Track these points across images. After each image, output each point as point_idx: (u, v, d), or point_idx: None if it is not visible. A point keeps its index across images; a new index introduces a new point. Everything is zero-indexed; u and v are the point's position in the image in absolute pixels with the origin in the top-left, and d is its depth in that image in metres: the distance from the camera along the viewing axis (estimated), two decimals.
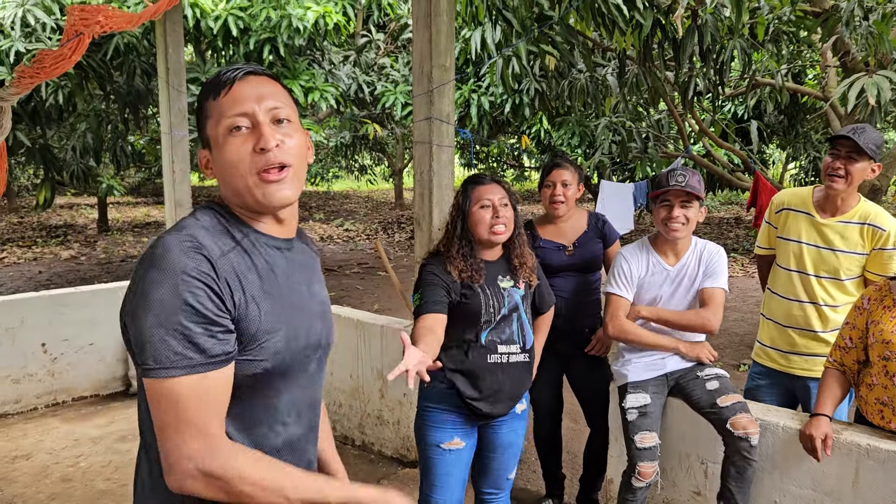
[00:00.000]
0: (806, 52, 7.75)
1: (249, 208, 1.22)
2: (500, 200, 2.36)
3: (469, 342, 2.36)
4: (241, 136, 1.18)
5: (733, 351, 6.16)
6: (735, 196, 19.92)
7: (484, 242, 2.39)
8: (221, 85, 1.20)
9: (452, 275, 2.33)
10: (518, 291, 2.44)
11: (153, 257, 1.10)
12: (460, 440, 2.41)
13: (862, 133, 2.72)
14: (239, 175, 1.18)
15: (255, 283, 1.17)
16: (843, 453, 2.50)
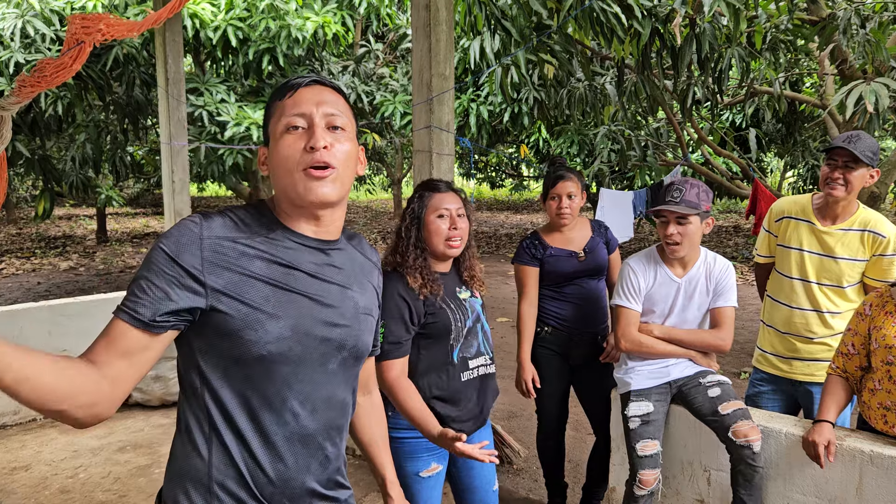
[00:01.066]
0: (803, 61, 7.78)
1: (293, 203, 1.30)
2: (457, 210, 2.22)
3: (443, 364, 2.24)
4: (296, 135, 1.28)
5: (734, 359, 6.15)
6: (734, 204, 19.96)
7: (438, 254, 2.24)
8: (289, 88, 1.31)
9: (414, 290, 2.16)
10: (477, 301, 2.35)
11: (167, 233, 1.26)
12: (437, 464, 2.30)
13: (857, 141, 2.72)
14: (287, 169, 1.27)
15: (261, 269, 1.24)
16: (846, 459, 2.49)
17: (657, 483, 2.71)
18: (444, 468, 2.35)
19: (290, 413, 1.29)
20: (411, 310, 2.15)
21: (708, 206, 2.69)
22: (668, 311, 2.80)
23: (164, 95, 5.17)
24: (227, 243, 1.23)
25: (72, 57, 2.03)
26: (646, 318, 2.83)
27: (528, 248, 3.15)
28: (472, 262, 2.36)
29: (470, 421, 2.30)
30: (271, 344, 1.23)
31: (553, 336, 3.16)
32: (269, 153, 1.31)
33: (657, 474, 2.70)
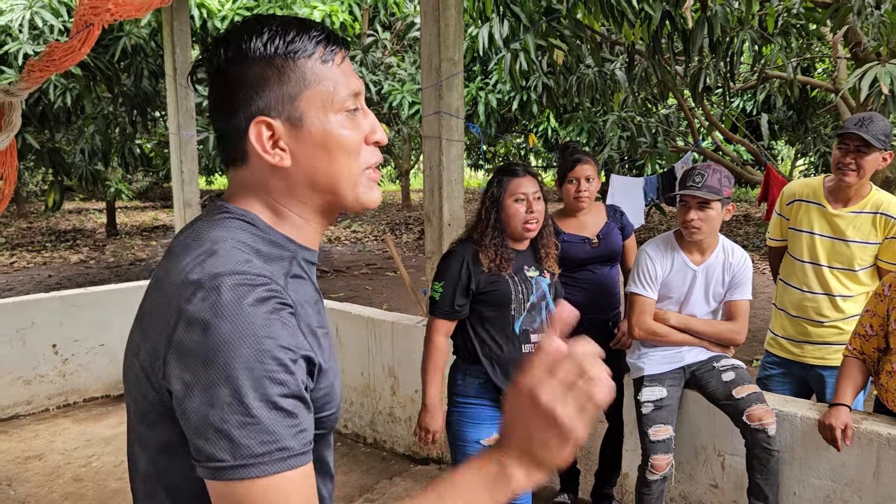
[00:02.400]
0: (816, 46, 7.69)
1: (330, 208, 0.98)
2: (534, 195, 2.37)
3: (504, 333, 2.37)
4: (356, 121, 0.95)
5: (745, 346, 6.11)
6: (744, 193, 19.83)
7: (516, 235, 2.40)
8: (328, 47, 0.94)
9: (482, 263, 2.34)
10: (545, 280, 2.46)
11: (218, 306, 0.79)
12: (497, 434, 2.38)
13: (870, 124, 2.67)
14: (347, 167, 0.94)
15: (313, 317, 0.93)
16: (863, 443, 2.46)
17: (670, 468, 2.69)
18: None
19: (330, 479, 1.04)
20: (470, 279, 2.33)
21: (729, 191, 2.65)
22: (683, 298, 2.78)
23: (173, 85, 5.17)
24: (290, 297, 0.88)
25: (80, 40, 2.02)
26: (661, 304, 2.80)
27: None
28: (549, 241, 2.50)
29: None
30: (334, 410, 0.95)
31: None
32: (300, 137, 0.92)
33: (670, 459, 2.69)
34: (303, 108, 0.91)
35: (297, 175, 0.93)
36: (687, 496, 2.95)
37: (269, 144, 0.90)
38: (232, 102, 0.91)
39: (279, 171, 0.92)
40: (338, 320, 4.19)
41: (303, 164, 0.92)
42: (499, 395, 2.37)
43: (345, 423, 4.26)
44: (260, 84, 0.90)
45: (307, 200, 0.95)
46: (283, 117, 0.90)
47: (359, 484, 3.62)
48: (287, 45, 0.90)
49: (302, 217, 0.96)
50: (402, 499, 3.38)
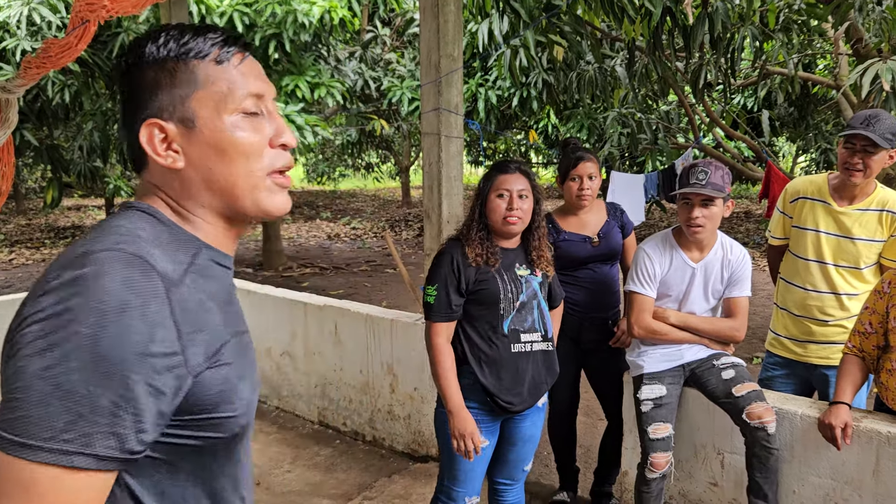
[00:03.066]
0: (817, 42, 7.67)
1: (231, 212, 0.95)
2: (518, 192, 2.34)
3: (493, 331, 2.35)
4: (256, 123, 0.94)
5: (746, 344, 6.10)
6: (745, 190, 19.82)
7: (498, 231, 2.38)
8: (223, 47, 0.93)
9: (469, 258, 2.33)
10: (535, 279, 2.43)
11: (81, 280, 0.76)
12: (484, 438, 2.38)
13: (876, 123, 2.63)
14: (247, 171, 0.92)
15: (215, 316, 0.89)
16: (863, 441, 2.46)
17: (669, 466, 2.68)
18: (491, 443, 2.43)
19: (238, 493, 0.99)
20: (460, 276, 2.32)
21: (729, 188, 2.64)
22: (682, 296, 2.76)
23: None
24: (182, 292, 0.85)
25: (77, 36, 2.00)
26: (660, 301, 2.79)
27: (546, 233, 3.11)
28: (541, 243, 2.46)
29: (510, 393, 2.35)
30: (240, 415, 0.93)
31: (564, 321, 3.12)
32: (194, 140, 0.91)
33: (669, 457, 2.68)
34: (194, 108, 0.90)
35: (192, 176, 0.92)
36: (686, 494, 2.95)
37: (162, 147, 0.90)
38: (130, 107, 0.92)
39: (174, 172, 0.92)
40: (336, 317, 4.18)
41: (198, 165, 0.91)
42: (486, 398, 2.35)
43: (343, 421, 4.25)
44: (153, 87, 0.90)
45: (205, 203, 0.93)
46: (175, 119, 0.90)
47: (357, 482, 3.61)
48: (180, 48, 0.91)
49: (203, 220, 0.94)
50: (401, 497, 3.38)
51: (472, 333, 2.36)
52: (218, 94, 0.91)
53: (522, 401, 2.39)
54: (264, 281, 8.19)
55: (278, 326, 4.59)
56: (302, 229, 15.36)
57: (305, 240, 13.87)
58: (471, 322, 2.36)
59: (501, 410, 2.38)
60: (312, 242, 13.51)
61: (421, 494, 3.42)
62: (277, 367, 4.65)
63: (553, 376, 2.50)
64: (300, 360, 4.49)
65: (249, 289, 4.84)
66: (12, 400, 0.74)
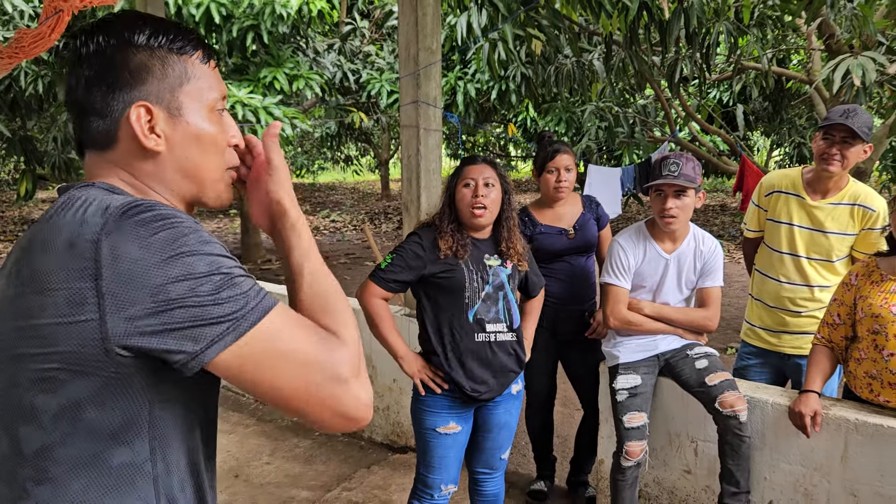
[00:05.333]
0: (791, 38, 7.77)
1: (192, 199, 1.03)
2: (483, 180, 2.35)
3: (458, 320, 2.36)
4: (224, 120, 1.03)
5: (720, 335, 6.19)
6: (720, 183, 20.03)
7: (466, 221, 2.39)
8: (206, 50, 1.02)
9: (441, 248, 2.34)
10: (505, 270, 2.44)
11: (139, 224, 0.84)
12: (456, 424, 2.41)
13: (855, 116, 2.68)
14: (216, 164, 1.02)
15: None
16: (831, 428, 2.52)
17: (644, 454, 2.73)
18: (464, 430, 2.44)
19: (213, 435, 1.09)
20: (425, 264, 2.34)
21: (700, 179, 2.68)
22: (656, 287, 2.81)
23: None
24: None
25: (49, 26, 1.98)
26: (635, 293, 2.83)
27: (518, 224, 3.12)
28: (511, 235, 2.46)
29: (475, 381, 2.36)
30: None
31: (541, 312, 3.16)
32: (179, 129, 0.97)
33: (644, 446, 2.72)
34: (182, 100, 0.97)
35: (168, 162, 0.98)
36: (661, 482, 3.00)
37: (147, 129, 0.95)
38: (112, 84, 0.94)
39: (151, 155, 0.97)
40: None
41: (176, 152, 0.97)
42: (453, 384, 2.37)
43: None
44: (143, 71, 0.94)
45: (174, 188, 1.00)
46: (163, 105, 0.96)
47: (337, 473, 3.63)
48: (171, 42, 0.97)
49: (165, 199, 1.00)
50: (380, 488, 3.40)
51: (438, 321, 2.38)
52: (202, 91, 0.99)
53: (489, 389, 2.40)
54: None
55: None
56: None
57: None
58: (437, 310, 2.38)
59: (469, 399, 2.40)
60: None
61: (400, 485, 3.44)
62: None
63: (521, 364, 2.52)
64: None
65: None
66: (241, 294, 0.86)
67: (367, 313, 2.41)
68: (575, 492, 3.36)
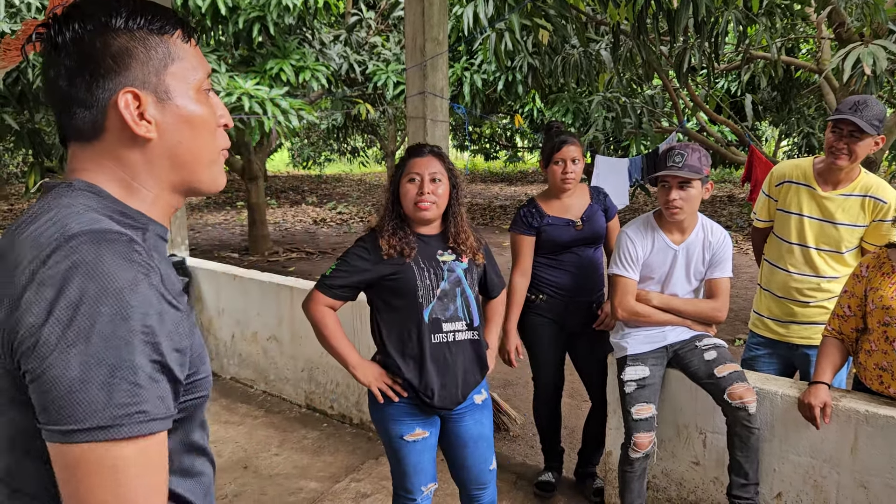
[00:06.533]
0: (800, 26, 7.71)
1: (184, 187, 0.98)
2: (430, 175, 2.21)
3: (412, 322, 2.22)
4: (211, 100, 0.99)
5: (728, 326, 6.18)
6: (728, 174, 19.94)
7: (411, 216, 2.26)
8: (186, 27, 0.97)
9: (382, 249, 2.21)
10: (460, 265, 2.29)
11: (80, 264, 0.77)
12: (422, 430, 2.28)
13: (864, 109, 2.65)
14: (209, 146, 0.98)
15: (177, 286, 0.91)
16: (841, 420, 2.51)
17: (652, 446, 2.73)
18: (431, 434, 2.32)
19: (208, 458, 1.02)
20: (370, 268, 2.22)
21: (707, 170, 2.66)
22: (665, 278, 2.80)
23: None
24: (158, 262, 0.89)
25: None
26: (643, 284, 2.82)
27: (525, 216, 3.11)
28: (460, 229, 2.30)
29: (434, 386, 2.22)
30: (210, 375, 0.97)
31: (548, 304, 3.15)
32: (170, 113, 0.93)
33: (652, 437, 2.72)
34: (168, 82, 0.92)
35: (159, 149, 0.93)
36: (669, 473, 3.00)
37: (137, 116, 0.90)
38: (95, 72, 0.89)
39: (141, 144, 0.92)
40: None
41: (167, 137, 0.93)
42: (414, 392, 2.23)
43: (331, 405, 4.27)
44: (126, 56, 0.89)
45: (165, 176, 0.95)
46: (150, 90, 0.91)
47: (345, 464, 3.64)
48: (150, 22, 0.91)
49: (154, 193, 0.95)
50: (388, 479, 3.41)
51: (392, 325, 2.24)
52: (188, 71, 0.94)
53: (449, 395, 2.25)
54: (250, 266, 8.17)
55: (265, 311, 4.59)
56: (288, 214, 15.29)
57: (291, 224, 13.82)
58: (390, 314, 2.24)
59: (427, 407, 2.26)
60: (298, 227, 13.47)
61: None
62: (264, 352, 4.65)
63: (483, 370, 2.35)
64: (287, 345, 4.49)
65: (236, 273, 4.83)
66: (67, 392, 0.75)
67: (313, 323, 2.27)
68: (583, 483, 3.36)
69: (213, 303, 4.98)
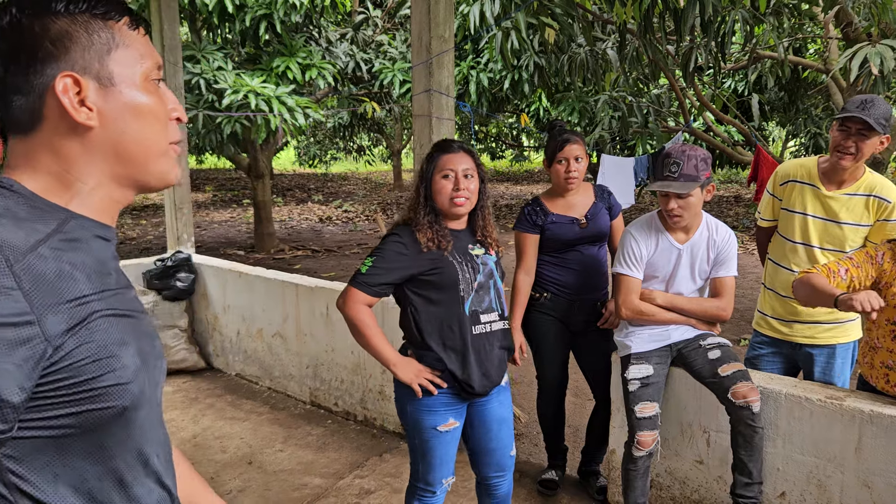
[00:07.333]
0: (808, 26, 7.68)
1: (129, 181, 0.93)
2: (463, 171, 2.27)
3: (454, 315, 2.28)
4: (161, 91, 0.94)
5: (733, 326, 6.17)
6: (735, 174, 19.89)
7: (445, 212, 2.31)
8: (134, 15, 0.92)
9: (420, 243, 2.25)
10: (491, 258, 2.39)
11: None
12: (454, 420, 2.35)
13: (872, 108, 2.65)
14: (158, 137, 0.92)
15: (84, 286, 0.83)
16: (845, 419, 2.50)
17: (655, 444, 2.73)
18: (460, 425, 2.40)
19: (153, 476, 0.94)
20: (411, 263, 2.25)
21: (708, 173, 2.65)
22: (669, 277, 2.80)
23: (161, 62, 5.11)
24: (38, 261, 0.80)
25: None
26: (647, 283, 2.82)
27: (530, 214, 3.12)
28: (486, 222, 2.41)
29: (475, 375, 2.31)
30: (132, 383, 0.86)
31: (553, 302, 3.16)
32: (113, 100, 0.88)
33: (655, 436, 2.72)
34: (113, 68, 0.88)
35: (101, 138, 0.88)
36: (673, 472, 3.00)
37: (76, 101, 0.85)
38: (32, 57, 0.84)
39: (81, 133, 0.87)
40: (328, 299, 4.20)
41: (111, 127, 0.88)
42: (454, 381, 2.30)
43: (335, 401, 4.28)
44: (66, 39, 0.85)
45: (107, 168, 0.90)
46: (92, 75, 0.86)
47: (349, 460, 3.65)
48: (93, 6, 0.87)
49: (90, 186, 0.89)
50: (392, 475, 3.42)
51: (432, 319, 2.29)
52: (135, 58, 0.90)
53: (490, 381, 2.35)
54: (256, 263, 8.19)
55: (270, 308, 4.60)
56: (293, 212, 15.33)
57: (297, 222, 13.85)
58: (430, 307, 2.29)
59: (468, 394, 2.33)
60: (304, 225, 13.50)
61: None
62: (269, 348, 4.67)
63: (511, 351, 2.47)
64: (292, 342, 4.51)
65: (242, 270, 4.85)
66: None
67: (352, 322, 2.28)
68: (586, 481, 3.36)
69: (219, 299, 5.00)
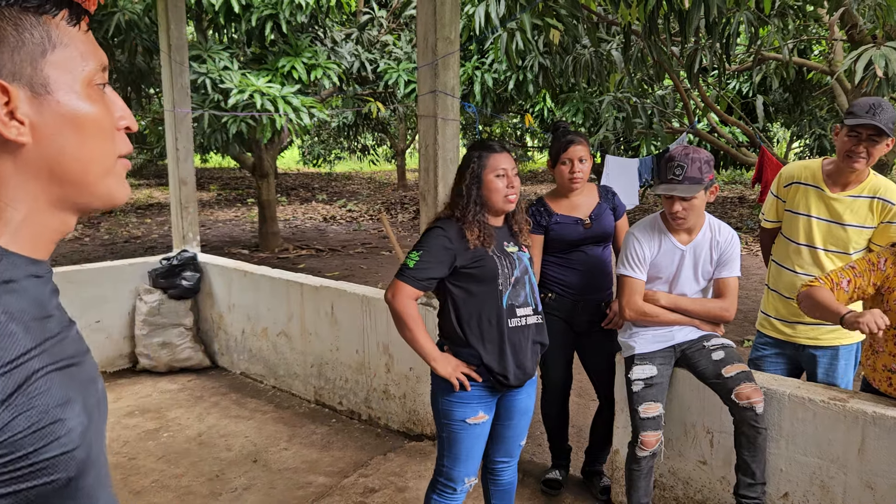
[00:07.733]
0: (812, 28, 7.67)
1: (70, 204, 0.78)
2: (512, 170, 2.41)
3: (492, 309, 2.36)
4: (106, 98, 0.79)
5: (737, 327, 6.17)
6: (739, 175, 19.87)
7: (497, 210, 2.42)
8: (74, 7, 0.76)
9: (468, 240, 2.34)
10: (525, 255, 2.48)
11: None
12: (484, 413, 2.42)
13: (881, 112, 2.65)
14: (102, 152, 0.78)
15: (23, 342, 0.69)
16: (848, 421, 2.51)
17: (659, 445, 2.74)
18: (489, 419, 2.46)
19: None
20: (455, 255, 2.34)
21: (711, 175, 2.67)
22: (672, 278, 2.81)
23: (168, 61, 5.14)
24: None
25: None
26: (651, 284, 2.83)
27: (534, 215, 3.14)
28: (521, 216, 2.52)
29: (511, 368, 2.37)
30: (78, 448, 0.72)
31: (557, 302, 3.17)
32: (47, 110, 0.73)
33: (659, 436, 2.73)
34: (48, 72, 0.73)
35: (35, 156, 0.73)
36: (676, 472, 3.01)
37: (5, 115, 0.70)
38: None
39: (11, 150, 0.72)
40: (333, 298, 4.22)
41: (46, 143, 0.73)
42: (490, 375, 2.37)
43: (340, 400, 4.30)
44: None
45: (43, 191, 0.75)
46: (24, 81, 0.71)
47: (353, 459, 3.67)
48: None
49: (23, 213, 0.75)
50: (396, 475, 3.44)
51: (472, 312, 2.36)
52: (74, 60, 0.75)
53: (525, 374, 2.42)
54: (260, 262, 8.21)
55: (275, 307, 4.62)
56: (298, 211, 15.35)
57: (301, 222, 13.87)
58: (469, 299, 2.37)
59: (503, 387, 2.40)
60: (308, 225, 13.52)
61: (416, 472, 3.48)
62: (274, 347, 4.69)
63: (545, 346, 2.53)
64: (297, 341, 4.53)
65: (247, 269, 4.87)
66: None
67: (400, 316, 2.36)
68: (590, 481, 3.37)
69: (224, 298, 5.02)
